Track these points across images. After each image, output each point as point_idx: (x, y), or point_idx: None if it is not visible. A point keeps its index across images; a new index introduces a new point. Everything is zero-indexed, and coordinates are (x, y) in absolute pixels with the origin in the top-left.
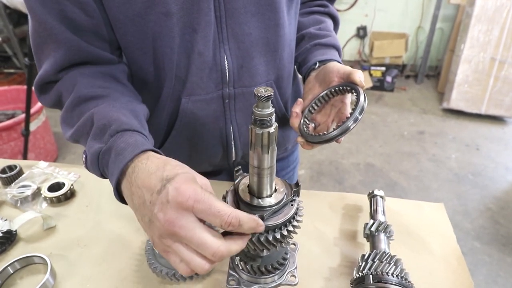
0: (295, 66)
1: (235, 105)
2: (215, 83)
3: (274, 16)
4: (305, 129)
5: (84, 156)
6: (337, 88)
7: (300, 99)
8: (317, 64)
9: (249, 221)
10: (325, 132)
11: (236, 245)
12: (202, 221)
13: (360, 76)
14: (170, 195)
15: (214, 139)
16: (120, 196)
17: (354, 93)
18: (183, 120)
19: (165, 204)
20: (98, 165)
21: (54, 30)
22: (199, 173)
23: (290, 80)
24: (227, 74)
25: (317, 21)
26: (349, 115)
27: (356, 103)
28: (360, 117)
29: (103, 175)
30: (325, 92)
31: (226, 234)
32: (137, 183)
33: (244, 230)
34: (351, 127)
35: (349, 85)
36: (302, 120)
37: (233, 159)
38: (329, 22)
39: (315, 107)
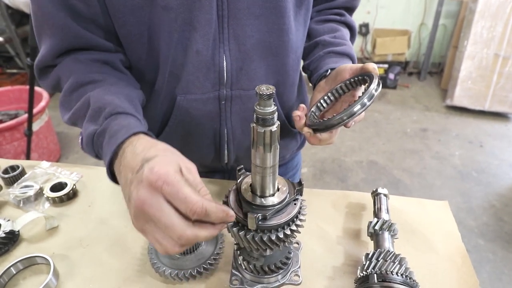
0: (307, 74)
1: (231, 107)
2: (212, 83)
3: (278, 20)
4: (312, 117)
5: (80, 138)
6: (348, 82)
7: (302, 105)
8: (329, 71)
9: (217, 211)
10: (331, 117)
11: (206, 232)
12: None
13: (373, 65)
14: (144, 175)
15: (207, 140)
16: (113, 176)
17: (367, 79)
18: (178, 118)
19: (139, 183)
20: (93, 147)
21: (52, 15)
22: None
23: (294, 89)
24: (225, 75)
25: (333, 29)
26: (357, 99)
27: (366, 88)
28: (368, 103)
29: (97, 156)
30: (336, 86)
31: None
32: (124, 163)
33: (212, 220)
34: (357, 111)
35: (361, 75)
36: (312, 108)
37: (226, 161)
38: (345, 31)
39: (324, 104)
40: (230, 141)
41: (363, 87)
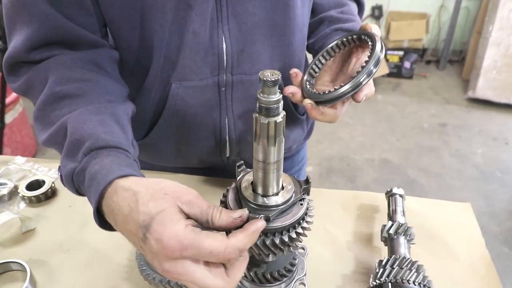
0: (311, 54)
1: (233, 94)
2: (211, 68)
3: None
4: (309, 87)
5: (59, 173)
6: (340, 41)
7: (295, 69)
8: None
9: (249, 241)
10: (334, 89)
11: (240, 274)
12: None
13: (374, 27)
14: (155, 249)
15: (206, 132)
16: (101, 220)
17: (369, 41)
18: (172, 109)
19: (155, 256)
20: (74, 185)
21: (28, 0)
22: (189, 168)
23: (301, 71)
24: (225, 59)
25: (339, 3)
26: (361, 69)
27: (370, 53)
28: (375, 70)
29: (81, 194)
30: (328, 47)
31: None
32: (119, 226)
33: (247, 248)
34: (364, 81)
35: (357, 33)
36: (305, 77)
37: (227, 155)
38: (353, 6)
39: (316, 69)
40: (232, 132)
41: (359, 49)
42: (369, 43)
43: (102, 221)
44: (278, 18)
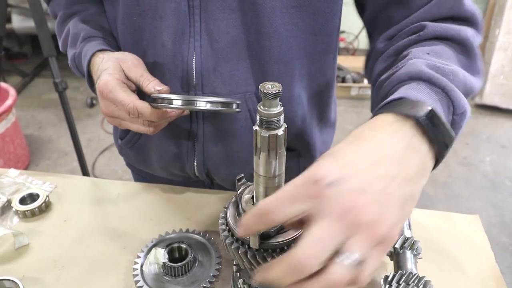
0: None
1: (203, 113)
2: (181, 83)
3: (256, 19)
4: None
5: (69, 62)
6: None
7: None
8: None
9: (152, 113)
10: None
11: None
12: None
13: None
14: (97, 87)
15: (174, 148)
16: (90, 82)
17: None
18: None
19: (97, 94)
20: (77, 67)
21: None
22: (165, 178)
23: (290, 108)
24: (194, 76)
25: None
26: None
27: None
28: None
29: (82, 74)
30: None
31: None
32: (93, 77)
33: (148, 118)
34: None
35: None
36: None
37: (196, 174)
38: (418, 51)
39: None
40: (200, 152)
41: None
42: None
43: (91, 83)
44: (253, 41)
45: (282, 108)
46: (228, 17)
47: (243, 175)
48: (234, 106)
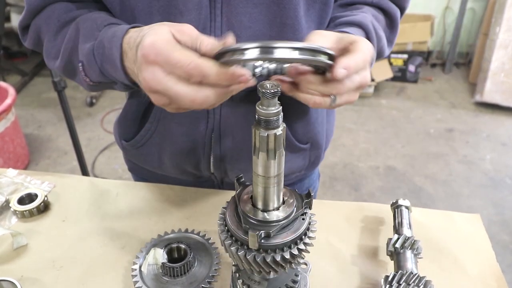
0: None
1: (221, 109)
2: None
3: (281, 12)
4: None
5: (80, 65)
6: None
7: None
8: None
9: (218, 72)
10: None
11: (217, 92)
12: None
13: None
14: (138, 58)
15: (190, 144)
16: (128, 77)
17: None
18: (158, 116)
19: (138, 67)
20: (96, 61)
21: None
22: (176, 179)
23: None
24: None
25: (351, 8)
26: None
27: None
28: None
29: (102, 72)
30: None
31: None
32: (128, 61)
33: (214, 81)
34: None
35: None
36: None
37: (211, 171)
38: (371, 11)
39: None
40: (217, 148)
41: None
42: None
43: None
44: (275, 35)
45: (281, 107)
46: (251, 11)
47: (242, 175)
48: (326, 58)
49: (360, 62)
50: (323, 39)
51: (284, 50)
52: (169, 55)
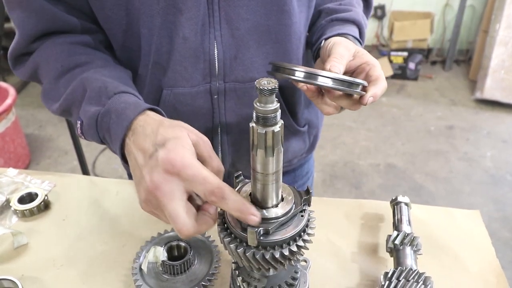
0: (310, 49)
1: (226, 102)
2: (202, 74)
3: (278, 0)
4: None
5: (79, 123)
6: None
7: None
8: (323, 42)
9: (236, 200)
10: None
11: (207, 227)
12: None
13: (380, 73)
14: (159, 160)
15: None
16: (124, 157)
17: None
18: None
19: (153, 168)
20: (97, 129)
21: None
22: None
23: None
24: (216, 65)
25: None
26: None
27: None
28: (334, 85)
29: (102, 140)
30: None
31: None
32: (134, 144)
33: (229, 208)
34: (322, 78)
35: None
36: None
37: None
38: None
39: None
40: (225, 142)
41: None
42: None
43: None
44: (273, 24)
45: (279, 104)
46: (248, 3)
47: (240, 172)
48: (359, 88)
49: (383, 91)
50: (348, 54)
51: (324, 79)
52: (197, 172)
